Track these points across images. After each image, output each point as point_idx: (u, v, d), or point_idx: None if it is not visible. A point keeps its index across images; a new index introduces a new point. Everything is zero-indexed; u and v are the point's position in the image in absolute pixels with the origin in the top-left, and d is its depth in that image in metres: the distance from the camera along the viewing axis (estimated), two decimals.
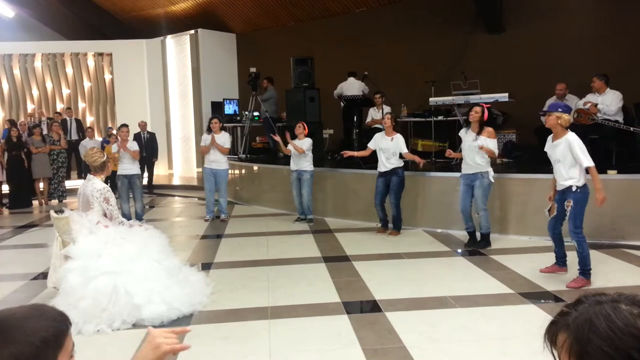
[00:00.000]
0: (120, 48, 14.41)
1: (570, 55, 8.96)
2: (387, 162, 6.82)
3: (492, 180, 5.97)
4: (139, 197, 8.17)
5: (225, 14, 13.72)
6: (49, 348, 1.05)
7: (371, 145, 7.01)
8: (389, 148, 6.80)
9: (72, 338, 1.13)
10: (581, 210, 4.66)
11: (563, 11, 9.26)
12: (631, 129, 6.81)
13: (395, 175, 6.78)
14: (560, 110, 4.73)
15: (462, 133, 6.16)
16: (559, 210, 4.83)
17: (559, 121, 4.67)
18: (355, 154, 7.34)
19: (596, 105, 7.08)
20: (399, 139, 6.80)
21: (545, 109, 5.49)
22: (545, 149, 4.93)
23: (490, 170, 5.96)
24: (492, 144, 5.86)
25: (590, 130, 6.95)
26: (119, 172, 8.00)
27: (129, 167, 7.95)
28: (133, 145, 8.08)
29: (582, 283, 4.67)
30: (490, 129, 5.90)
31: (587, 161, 4.57)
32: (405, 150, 6.81)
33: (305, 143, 7.79)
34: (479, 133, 5.87)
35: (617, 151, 7.19)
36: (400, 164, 6.83)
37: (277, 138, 8.12)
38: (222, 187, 8.26)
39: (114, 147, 8.05)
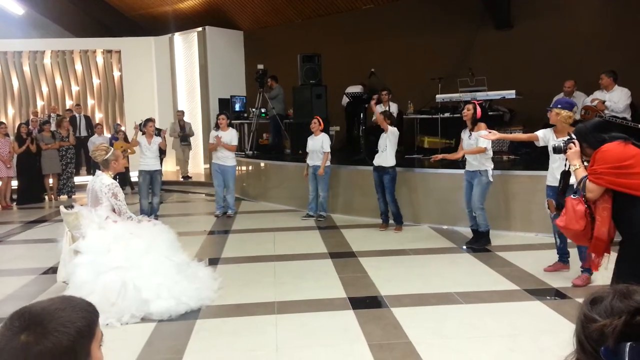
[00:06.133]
0: (129, 45, 14.48)
1: (578, 52, 8.91)
2: (381, 154, 6.87)
3: (491, 179, 5.92)
4: (158, 193, 8.17)
5: (232, 11, 13.76)
6: (84, 338, 1.08)
7: None
8: (381, 143, 6.86)
9: (101, 327, 1.16)
10: None
11: (571, 7, 9.21)
12: (639, 126, 6.77)
13: (386, 173, 6.82)
14: (559, 106, 4.73)
15: (463, 133, 6.17)
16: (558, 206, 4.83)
17: (558, 117, 4.69)
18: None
19: (604, 102, 7.05)
20: (390, 134, 6.80)
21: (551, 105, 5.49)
22: (549, 144, 4.86)
23: (489, 169, 5.89)
24: (482, 141, 5.71)
25: None
26: (141, 168, 7.88)
27: (152, 162, 7.89)
28: (156, 140, 8.01)
29: (587, 280, 4.68)
30: (482, 125, 5.84)
31: None
32: (391, 147, 6.81)
33: (325, 141, 7.77)
34: (472, 130, 5.89)
35: None
36: (393, 162, 6.84)
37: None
38: (230, 183, 8.31)
39: (141, 139, 7.92)
